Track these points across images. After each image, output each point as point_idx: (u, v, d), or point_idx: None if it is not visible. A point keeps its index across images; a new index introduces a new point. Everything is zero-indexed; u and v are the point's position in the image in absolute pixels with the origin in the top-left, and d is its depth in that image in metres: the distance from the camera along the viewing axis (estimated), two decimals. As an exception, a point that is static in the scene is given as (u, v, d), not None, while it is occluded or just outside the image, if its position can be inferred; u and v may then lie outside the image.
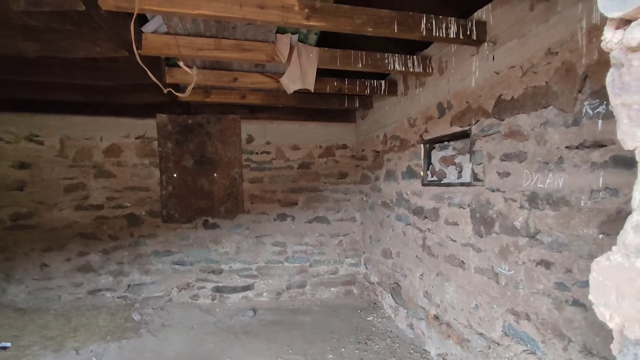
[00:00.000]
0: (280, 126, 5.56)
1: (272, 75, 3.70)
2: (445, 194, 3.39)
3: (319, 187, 5.77)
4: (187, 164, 5.17)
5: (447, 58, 3.30)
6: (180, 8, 2.15)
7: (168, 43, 2.77)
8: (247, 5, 2.27)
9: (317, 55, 3.13)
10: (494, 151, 2.71)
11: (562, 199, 2.11)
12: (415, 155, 3.96)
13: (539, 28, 2.27)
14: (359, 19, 2.50)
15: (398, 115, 4.35)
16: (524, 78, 2.40)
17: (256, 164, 5.51)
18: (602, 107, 1.88)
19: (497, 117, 2.67)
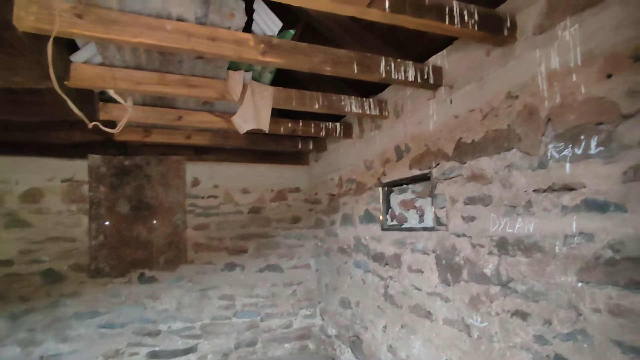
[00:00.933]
0: (229, 168, 5.23)
1: (222, 115, 3.45)
2: (407, 239, 3.24)
3: (271, 233, 5.42)
4: (123, 210, 4.60)
5: (403, 102, 3.28)
6: (117, 35, 1.87)
7: (102, 75, 2.43)
8: (197, 37, 2.04)
9: (272, 95, 2.95)
10: (457, 195, 2.63)
11: (535, 245, 2.02)
12: (373, 199, 3.82)
13: (497, 72, 2.29)
14: (317, 57, 2.38)
15: (354, 158, 4.25)
16: (484, 121, 2.38)
17: (202, 209, 5.07)
18: (569, 150, 1.85)
19: (458, 160, 2.62)
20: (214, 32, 2.08)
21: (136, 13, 1.93)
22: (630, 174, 1.59)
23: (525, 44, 2.10)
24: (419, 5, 1.89)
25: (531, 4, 2.08)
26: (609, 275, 1.67)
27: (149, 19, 1.95)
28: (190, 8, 1.94)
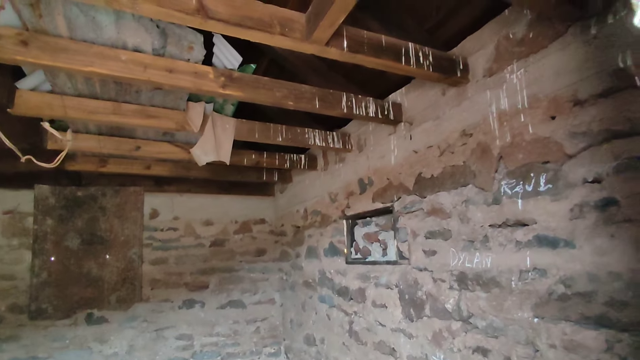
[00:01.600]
0: (191, 200, 5.06)
1: (183, 145, 3.36)
2: (371, 273, 3.20)
3: (234, 267, 5.21)
4: (72, 244, 4.28)
5: (366, 136, 3.34)
6: (65, 63, 1.79)
7: (51, 103, 2.31)
8: (153, 68, 2.00)
9: (234, 127, 2.91)
10: (418, 228, 2.65)
11: (492, 280, 2.04)
12: (338, 232, 3.79)
13: (452, 111, 2.38)
14: (280, 92, 2.39)
15: (319, 190, 4.24)
16: (442, 157, 2.45)
17: (160, 243, 4.82)
18: (520, 187, 1.91)
19: (419, 194, 2.65)
20: (172, 64, 2.04)
21: (89, 42, 1.87)
22: (576, 211, 1.65)
23: (477, 85, 2.21)
24: (376, 46, 1.96)
25: (481, 49, 2.21)
26: (561, 311, 1.69)
27: (103, 48, 1.89)
28: (147, 39, 1.90)
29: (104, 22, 1.76)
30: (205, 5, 1.51)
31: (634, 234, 1.44)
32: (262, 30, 1.64)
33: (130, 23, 1.80)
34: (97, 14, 1.72)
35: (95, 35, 1.83)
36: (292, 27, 1.71)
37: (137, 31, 1.85)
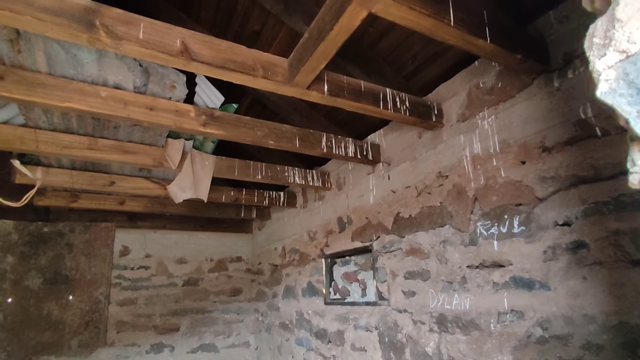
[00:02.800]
0: (166, 236, 4.90)
1: (159, 181, 3.29)
2: (350, 315, 3.12)
3: (207, 308, 4.99)
4: (32, 283, 4.01)
5: (345, 175, 3.38)
6: (43, 98, 1.77)
7: (23, 136, 2.25)
8: (134, 105, 1.99)
9: (214, 164, 2.90)
10: (397, 269, 2.63)
11: (472, 322, 2.02)
12: (317, 271, 3.72)
13: (428, 153, 2.45)
14: (261, 131, 2.42)
15: (297, 228, 4.19)
16: (419, 198, 2.49)
17: (130, 282, 4.59)
18: (495, 229, 1.96)
19: (397, 234, 2.67)
20: (153, 102, 2.05)
21: (68, 78, 1.86)
22: (549, 253, 1.69)
23: (451, 129, 2.30)
24: (356, 90, 2.03)
25: (454, 95, 2.33)
26: (540, 354, 1.68)
27: (82, 85, 1.88)
28: (129, 77, 1.91)
29: (85, 59, 1.76)
30: (189, 48, 1.54)
31: (605, 276, 1.48)
32: (245, 73, 1.68)
33: (113, 61, 1.81)
34: (78, 51, 1.72)
35: (76, 72, 1.83)
36: (275, 70, 1.76)
37: (119, 69, 1.86)
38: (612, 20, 0.41)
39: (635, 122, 0.39)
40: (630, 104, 0.39)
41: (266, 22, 2.69)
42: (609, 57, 0.42)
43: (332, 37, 1.49)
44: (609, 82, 0.41)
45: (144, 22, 1.47)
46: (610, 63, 0.42)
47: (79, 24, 1.35)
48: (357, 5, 1.34)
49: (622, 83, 0.40)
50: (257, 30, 2.77)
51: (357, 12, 1.37)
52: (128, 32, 1.43)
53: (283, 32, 2.71)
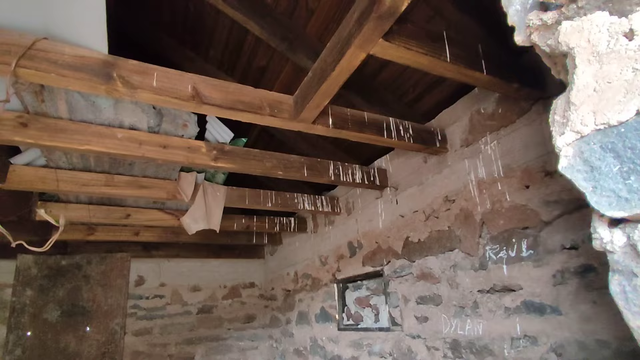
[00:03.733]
0: (180, 265, 4.96)
1: (173, 212, 3.38)
2: (364, 341, 3.10)
3: (222, 335, 4.98)
4: (50, 316, 4.09)
5: (354, 199, 3.43)
6: (64, 142, 1.88)
7: (44, 177, 2.36)
8: (148, 144, 2.09)
9: (225, 194, 2.98)
10: (409, 293, 2.64)
11: (485, 348, 2.01)
12: (329, 296, 3.72)
13: (434, 178, 2.50)
14: (270, 162, 2.50)
15: (309, 253, 4.22)
16: (427, 222, 2.52)
17: (145, 312, 4.63)
18: (504, 252, 1.97)
19: (408, 258, 2.68)
20: (166, 140, 2.15)
21: (87, 122, 1.97)
22: (558, 277, 1.70)
23: (456, 154, 2.35)
24: (359, 121, 2.10)
25: (456, 121, 2.38)
26: (557, 382, 1.66)
27: (100, 128, 1.99)
28: (144, 119, 2.02)
29: (103, 105, 1.88)
30: (200, 92, 1.64)
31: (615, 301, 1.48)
32: (253, 112, 1.77)
33: (128, 105, 1.93)
34: (97, 98, 1.84)
35: (94, 116, 1.94)
36: (281, 108, 1.85)
37: (134, 112, 1.97)
38: (568, 102, 0.46)
39: (591, 197, 0.44)
40: (586, 180, 0.44)
41: (272, 57, 2.81)
42: (567, 136, 0.47)
43: (334, 77, 1.57)
44: (567, 158, 0.46)
45: (157, 71, 1.58)
46: (568, 141, 0.47)
47: (98, 77, 1.46)
48: (356, 49, 1.42)
49: (579, 160, 0.44)
50: (263, 65, 2.89)
51: (357, 55, 1.45)
52: (143, 81, 1.54)
53: (288, 66, 2.82)
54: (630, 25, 0.42)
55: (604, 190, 0.43)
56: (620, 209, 0.41)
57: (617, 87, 0.42)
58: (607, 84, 0.43)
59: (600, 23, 0.44)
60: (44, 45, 1.37)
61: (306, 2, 2.35)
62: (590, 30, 0.45)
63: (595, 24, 0.45)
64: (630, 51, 0.42)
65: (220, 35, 2.76)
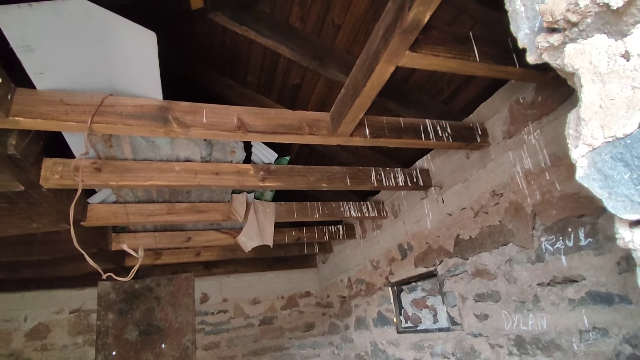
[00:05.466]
0: (238, 279, 5.21)
1: (229, 231, 3.60)
2: (425, 342, 3.09)
3: (284, 345, 5.14)
4: (130, 336, 4.46)
5: (399, 202, 3.45)
6: (131, 181, 2.11)
7: (116, 212, 2.65)
8: (202, 173, 2.28)
9: (274, 210, 3.13)
10: (466, 292, 2.61)
11: (552, 343, 1.95)
12: (385, 300, 3.74)
13: (479, 173, 2.47)
14: (313, 176, 2.61)
15: (360, 258, 4.27)
16: (477, 218, 2.49)
17: (212, 327, 4.91)
18: (561, 243, 1.91)
19: (460, 256, 2.66)
20: (218, 167, 2.33)
21: (148, 160, 2.20)
22: (623, 264, 1.63)
23: (498, 147, 2.32)
24: (396, 127, 2.15)
25: (496, 113, 2.36)
26: (635, 374, 1.59)
27: (160, 164, 2.20)
28: (197, 150, 2.21)
29: (161, 143, 2.09)
30: (244, 122, 1.78)
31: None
32: (294, 133, 1.88)
33: (182, 140, 2.12)
34: (155, 138, 2.05)
35: (154, 154, 2.16)
36: (319, 125, 1.95)
37: (188, 146, 2.16)
38: (579, 118, 0.50)
39: (607, 203, 0.47)
40: (601, 188, 0.47)
41: (305, 75, 2.93)
42: (580, 148, 0.51)
43: (366, 92, 1.65)
44: (583, 168, 0.50)
45: (206, 109, 1.74)
46: (582, 153, 0.50)
47: (156, 122, 1.64)
48: (385, 63, 1.49)
49: (593, 169, 0.48)
50: (297, 83, 3.03)
51: (385, 69, 1.52)
52: (194, 119, 1.71)
53: (321, 81, 2.93)
54: (625, 47, 0.46)
55: (619, 196, 0.46)
56: (634, 212, 0.45)
57: (619, 103, 0.46)
58: (611, 101, 0.47)
59: (600, 46, 0.48)
60: (110, 101, 1.58)
61: (332, 20, 2.46)
62: (592, 52, 0.49)
63: (595, 46, 0.49)
64: (628, 70, 0.46)
65: (255, 62, 2.94)
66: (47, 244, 3.12)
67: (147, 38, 1.35)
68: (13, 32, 1.21)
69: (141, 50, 1.43)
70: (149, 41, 1.37)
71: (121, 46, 1.44)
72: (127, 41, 1.41)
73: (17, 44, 1.25)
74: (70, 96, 1.54)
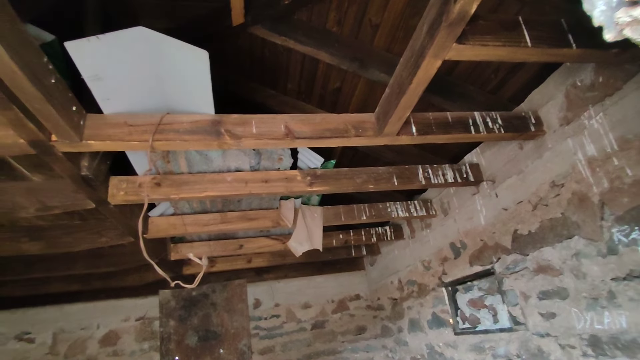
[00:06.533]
0: (289, 284, 5.29)
1: (278, 237, 3.68)
2: (486, 344, 2.97)
3: (337, 348, 5.14)
4: (191, 342, 4.67)
5: (448, 199, 3.35)
6: (188, 193, 2.22)
7: (174, 223, 2.79)
8: (252, 182, 2.35)
9: (322, 215, 3.16)
10: (528, 289, 2.48)
11: (634, 342, 1.80)
12: (439, 300, 3.64)
13: (535, 164, 2.35)
14: (360, 178, 2.60)
15: (410, 259, 4.19)
16: (536, 212, 2.36)
17: (266, 331, 5.02)
18: (636, 233, 1.77)
19: (520, 252, 2.53)
20: (267, 175, 2.39)
21: (202, 173, 2.30)
22: None
23: (555, 135, 2.19)
24: (443, 123, 2.10)
25: (550, 100, 2.23)
26: None
27: (213, 175, 2.30)
28: (246, 160, 2.29)
29: (213, 155, 2.18)
30: (291, 130, 1.82)
31: None
32: (340, 136, 1.89)
33: (233, 152, 2.21)
34: (208, 151, 2.15)
35: (207, 167, 2.26)
36: (365, 127, 1.95)
37: (238, 156, 2.24)
38: None
39: None
40: None
41: (344, 78, 2.94)
42: None
43: (412, 90, 1.62)
44: None
45: (255, 119, 1.80)
46: None
47: (210, 135, 1.72)
48: (431, 58, 1.46)
49: None
50: (337, 87, 3.05)
51: (432, 64, 1.49)
52: (244, 130, 1.77)
53: (361, 83, 2.93)
54: None
55: None
56: None
57: None
58: None
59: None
60: (168, 119, 1.68)
61: (370, 20, 2.45)
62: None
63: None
64: None
65: (294, 69, 2.99)
66: (114, 257, 3.35)
67: (200, 56, 1.43)
68: (84, 64, 1.33)
69: (194, 68, 1.50)
70: (201, 59, 1.44)
71: (175, 66, 1.53)
72: (180, 61, 1.49)
73: (87, 74, 1.36)
74: (132, 117, 1.65)
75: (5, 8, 1.01)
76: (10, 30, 1.04)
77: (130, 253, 3.26)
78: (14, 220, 2.32)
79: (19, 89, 1.19)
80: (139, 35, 1.32)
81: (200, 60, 1.45)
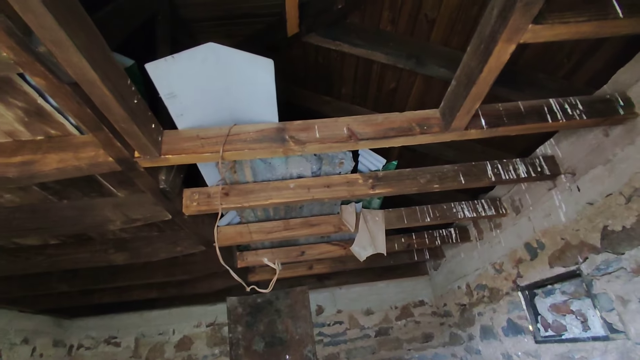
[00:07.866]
0: (350, 290, 5.24)
1: (338, 243, 3.66)
2: (575, 354, 2.69)
3: (403, 356, 4.98)
4: (258, 347, 4.77)
5: (520, 196, 3.12)
6: (255, 201, 2.28)
7: (241, 232, 2.88)
8: (315, 187, 2.36)
9: (384, 218, 3.09)
10: (626, 293, 2.21)
11: None
12: (515, 306, 3.38)
13: (626, 151, 2.10)
14: (423, 178, 2.51)
15: (478, 262, 3.96)
16: (630, 204, 2.11)
17: (329, 338, 5.00)
18: None
19: (612, 251, 2.27)
20: (328, 180, 2.38)
21: (266, 181, 2.35)
22: None
23: (649, 118, 1.95)
24: (515, 113, 1.96)
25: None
26: None
27: (277, 183, 2.34)
28: (308, 166, 2.30)
29: (276, 163, 2.22)
30: (354, 132, 1.80)
31: None
32: (404, 135, 1.83)
33: (295, 158, 2.23)
34: (272, 159, 2.19)
35: (271, 175, 2.31)
36: (430, 124, 1.87)
37: (300, 162, 2.26)
38: None
39: None
40: None
41: (400, 77, 2.88)
42: None
43: (483, 79, 1.53)
44: None
45: (317, 124, 1.80)
46: None
47: (276, 143, 1.75)
48: (504, 43, 1.36)
49: None
50: (393, 87, 2.99)
51: (505, 49, 1.39)
52: (308, 135, 1.78)
53: (417, 80, 2.85)
54: None
55: None
56: None
57: None
58: None
59: None
60: (235, 130, 1.73)
61: (425, 15, 2.38)
62: None
63: None
64: None
65: (348, 73, 2.99)
66: (187, 265, 3.53)
67: (265, 65, 1.46)
68: (161, 83, 1.42)
69: (260, 78, 1.54)
70: (266, 68, 1.47)
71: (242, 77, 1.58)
72: (247, 71, 1.54)
73: (164, 92, 1.46)
74: (203, 131, 1.73)
75: (98, 39, 1.11)
76: (102, 58, 1.13)
77: (201, 261, 3.42)
78: (102, 233, 2.53)
79: (108, 110, 1.29)
80: (210, 50, 1.39)
81: (265, 69, 1.49)
